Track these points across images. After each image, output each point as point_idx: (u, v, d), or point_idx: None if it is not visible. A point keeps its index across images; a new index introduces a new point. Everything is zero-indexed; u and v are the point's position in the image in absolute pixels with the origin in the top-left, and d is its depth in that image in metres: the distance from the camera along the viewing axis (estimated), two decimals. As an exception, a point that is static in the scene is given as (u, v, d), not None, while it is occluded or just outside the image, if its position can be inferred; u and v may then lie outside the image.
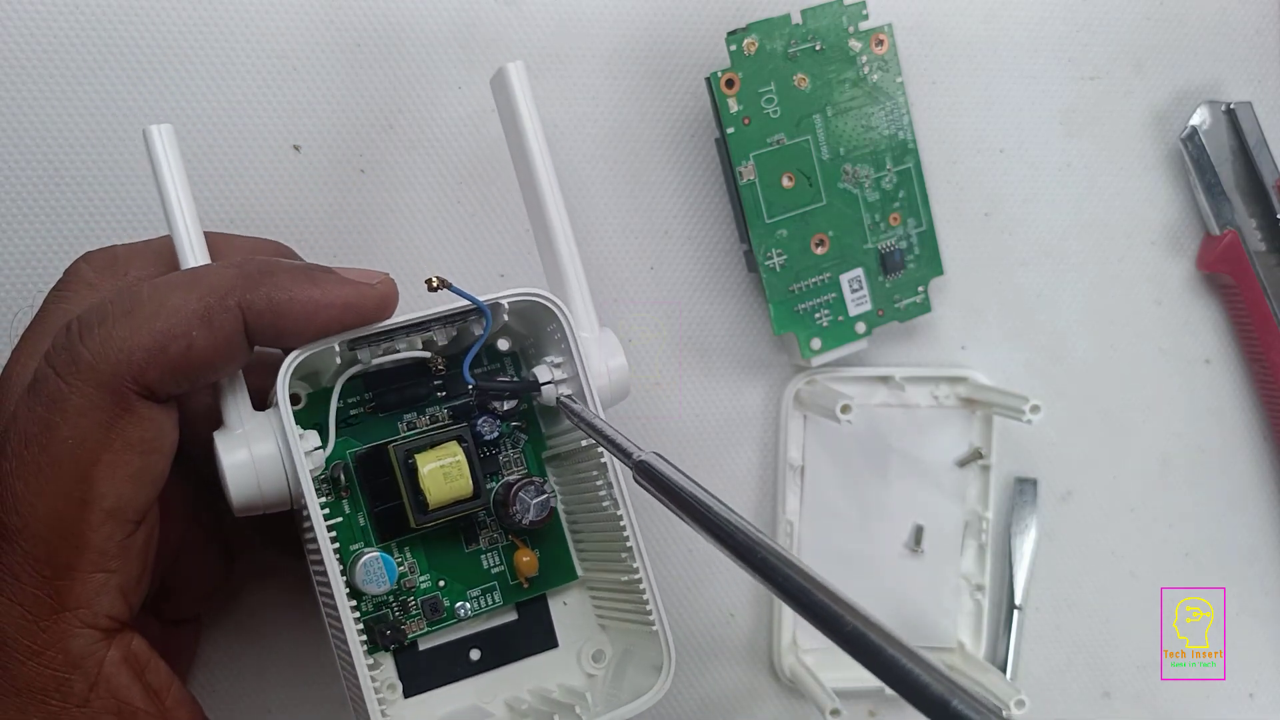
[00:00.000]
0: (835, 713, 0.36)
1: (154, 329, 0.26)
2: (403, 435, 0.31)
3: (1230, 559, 0.45)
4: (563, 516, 0.33)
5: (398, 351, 0.30)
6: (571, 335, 0.30)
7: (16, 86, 0.36)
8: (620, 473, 0.30)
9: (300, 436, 0.28)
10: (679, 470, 0.25)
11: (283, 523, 0.30)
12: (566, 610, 0.34)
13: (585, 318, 0.32)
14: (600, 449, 0.30)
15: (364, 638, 0.29)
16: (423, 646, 0.33)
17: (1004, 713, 0.38)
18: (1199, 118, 0.43)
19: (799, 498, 0.41)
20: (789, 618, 0.41)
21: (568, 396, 0.30)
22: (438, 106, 0.39)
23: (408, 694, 0.32)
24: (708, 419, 0.41)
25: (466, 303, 0.29)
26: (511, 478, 0.32)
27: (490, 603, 0.33)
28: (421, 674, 0.32)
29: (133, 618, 0.27)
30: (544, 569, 0.33)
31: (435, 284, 0.28)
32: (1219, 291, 0.45)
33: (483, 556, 0.33)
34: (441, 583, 0.32)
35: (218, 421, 0.29)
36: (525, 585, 0.33)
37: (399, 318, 0.29)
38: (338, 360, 0.29)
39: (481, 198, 0.39)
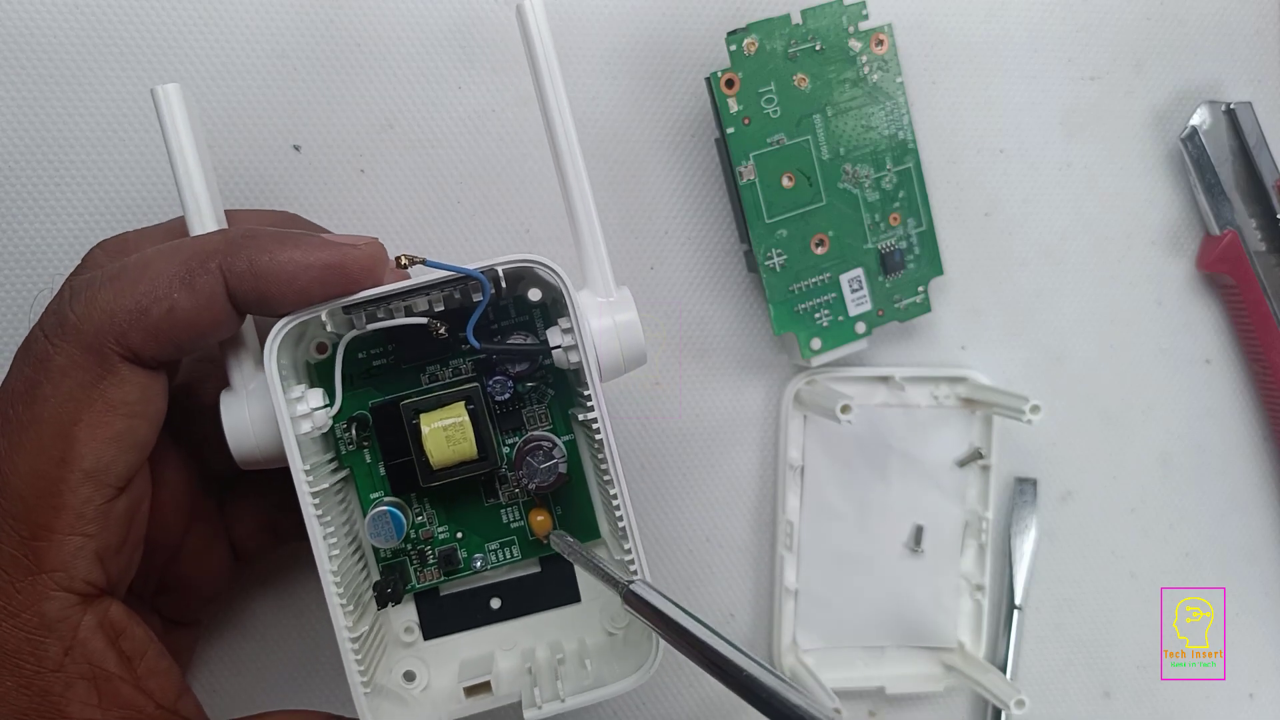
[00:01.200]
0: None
1: (137, 291, 0.26)
2: (420, 388, 0.31)
3: (1230, 559, 0.45)
4: (590, 475, 0.33)
5: (394, 317, 0.29)
6: (569, 296, 0.29)
7: (17, 86, 0.36)
8: (613, 436, 0.29)
9: (301, 396, 0.28)
10: (665, 597, 0.26)
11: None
12: None
13: (601, 279, 0.31)
14: (595, 418, 0.29)
15: (339, 598, 0.29)
16: (445, 591, 0.33)
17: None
18: (1199, 118, 0.43)
19: (799, 498, 0.41)
20: (789, 618, 0.41)
21: (558, 534, 0.31)
22: (438, 106, 0.39)
23: (427, 636, 0.33)
24: (708, 419, 0.41)
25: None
26: (532, 434, 0.32)
27: (508, 557, 0.33)
28: (442, 618, 0.33)
29: (113, 588, 0.27)
30: (565, 526, 0.33)
31: (405, 262, 0.28)
32: (1219, 291, 0.45)
33: (502, 511, 0.33)
34: (460, 535, 0.32)
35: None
36: (544, 542, 0.32)
37: (391, 286, 0.28)
38: (327, 328, 0.29)
39: (481, 198, 0.39)
